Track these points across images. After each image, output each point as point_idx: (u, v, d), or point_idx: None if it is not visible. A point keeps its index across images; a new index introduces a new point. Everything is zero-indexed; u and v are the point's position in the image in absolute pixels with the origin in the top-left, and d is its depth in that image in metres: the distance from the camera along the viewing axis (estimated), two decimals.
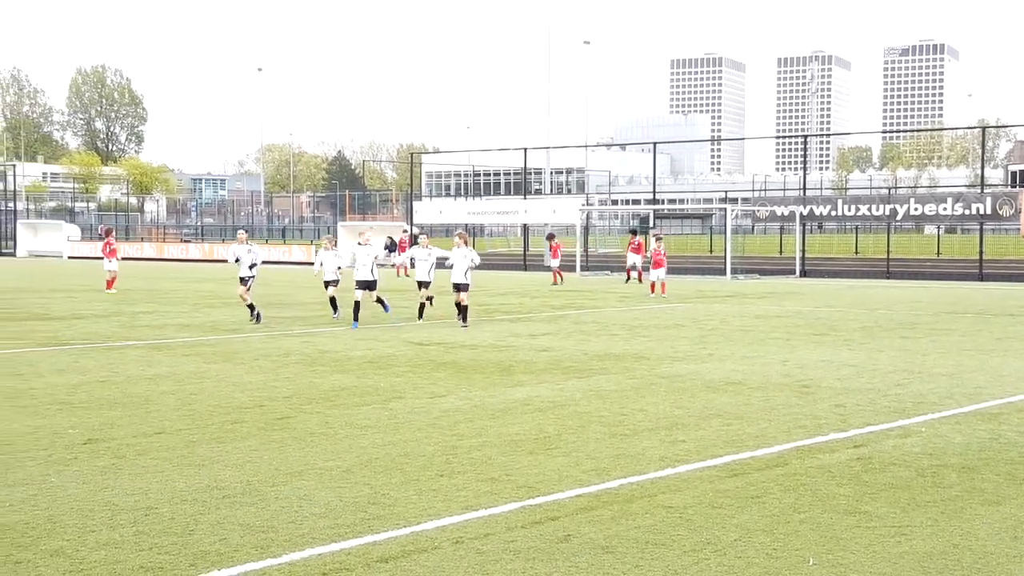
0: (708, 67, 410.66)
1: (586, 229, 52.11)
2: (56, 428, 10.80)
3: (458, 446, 9.98)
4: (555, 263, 41.21)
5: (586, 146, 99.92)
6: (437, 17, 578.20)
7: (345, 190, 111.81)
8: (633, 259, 41.16)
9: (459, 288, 22.07)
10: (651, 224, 52.28)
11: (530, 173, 70.05)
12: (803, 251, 45.92)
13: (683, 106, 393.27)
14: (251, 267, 23.33)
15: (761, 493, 8.21)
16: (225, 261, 30.75)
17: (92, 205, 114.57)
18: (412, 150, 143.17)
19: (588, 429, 10.83)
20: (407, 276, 44.01)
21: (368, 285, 22.32)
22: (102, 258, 35.08)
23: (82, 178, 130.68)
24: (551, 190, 75.36)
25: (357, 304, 22.05)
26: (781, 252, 56.65)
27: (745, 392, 13.25)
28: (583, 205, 58.98)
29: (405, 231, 52.44)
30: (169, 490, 8.24)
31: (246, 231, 26.27)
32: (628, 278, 40.70)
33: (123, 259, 34.32)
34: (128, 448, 9.81)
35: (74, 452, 9.65)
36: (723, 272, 43.83)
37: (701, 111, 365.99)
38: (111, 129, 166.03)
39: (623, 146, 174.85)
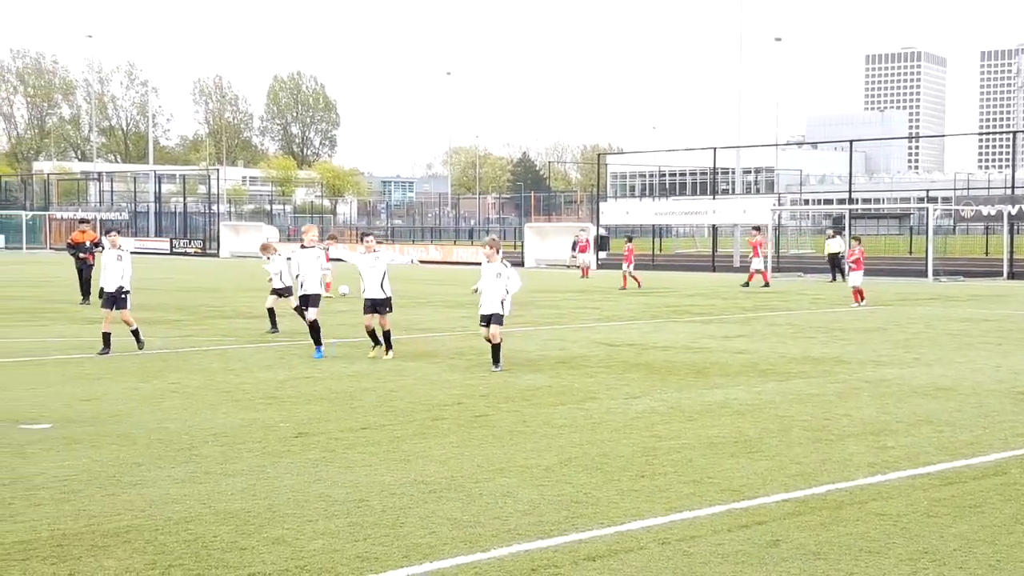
0: (906, 62, 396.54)
1: (777, 230, 50.90)
2: (267, 422, 11.25)
3: (657, 447, 9.91)
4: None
5: (776, 145, 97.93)
6: (623, 17, 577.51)
7: (530, 191, 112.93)
8: (756, 263, 38.38)
9: (491, 320, 15.37)
10: (844, 224, 50.63)
11: (718, 172, 69.02)
12: (1011, 252, 43.76)
13: (878, 102, 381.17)
14: (121, 277, 17.09)
15: (980, 502, 7.86)
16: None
17: (288, 207, 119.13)
18: (597, 150, 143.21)
19: (790, 433, 10.59)
20: (587, 277, 44.09)
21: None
22: None
23: (279, 181, 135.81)
24: (740, 189, 73.91)
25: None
26: (987, 253, 54.16)
27: (956, 398, 12.71)
28: (775, 205, 57.74)
29: (583, 229, 52.39)
30: (378, 483, 8.47)
31: (118, 231, 18.55)
32: (766, 283, 37.57)
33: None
34: (336, 442, 10.14)
35: (286, 445, 10.03)
36: (923, 274, 42.18)
37: (897, 107, 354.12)
38: (306, 134, 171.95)
39: (815, 144, 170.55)
